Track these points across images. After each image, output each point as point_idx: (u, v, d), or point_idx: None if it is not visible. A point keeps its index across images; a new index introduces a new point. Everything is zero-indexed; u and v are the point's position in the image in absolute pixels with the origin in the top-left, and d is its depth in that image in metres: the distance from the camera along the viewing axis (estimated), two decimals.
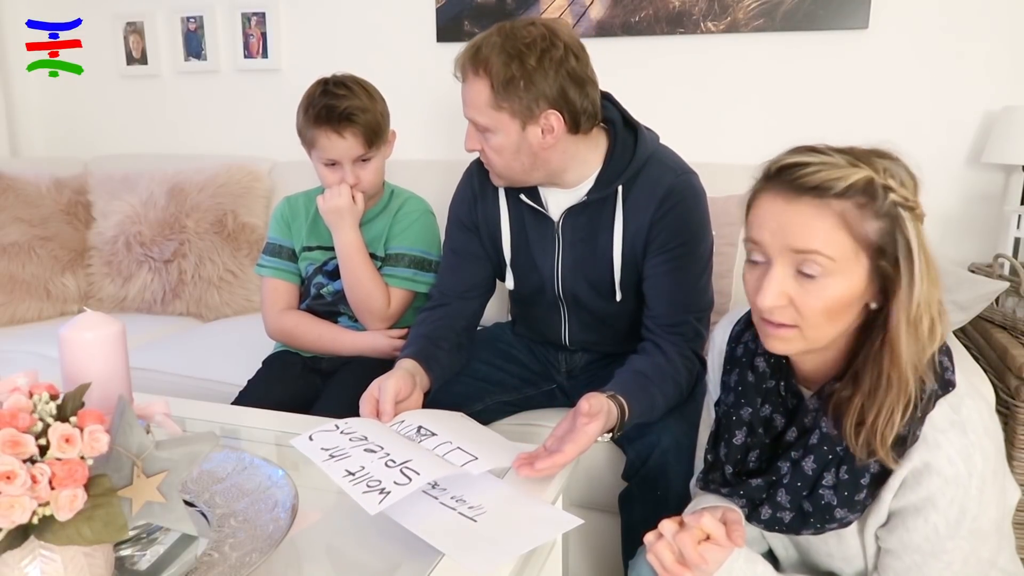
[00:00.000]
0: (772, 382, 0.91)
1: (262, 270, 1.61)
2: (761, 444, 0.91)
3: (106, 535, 0.69)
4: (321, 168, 1.50)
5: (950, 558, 0.80)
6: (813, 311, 0.78)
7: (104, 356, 0.93)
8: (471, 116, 1.23)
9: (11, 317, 2.12)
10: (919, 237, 0.76)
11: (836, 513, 0.83)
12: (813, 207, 0.77)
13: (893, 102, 1.86)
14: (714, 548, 0.81)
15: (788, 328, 0.81)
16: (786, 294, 0.79)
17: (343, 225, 1.49)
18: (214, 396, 1.62)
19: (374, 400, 1.13)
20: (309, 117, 1.44)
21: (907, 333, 0.77)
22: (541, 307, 1.41)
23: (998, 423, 0.83)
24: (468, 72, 1.20)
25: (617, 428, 1.10)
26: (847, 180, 0.76)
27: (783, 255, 0.79)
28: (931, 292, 0.77)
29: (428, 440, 1.04)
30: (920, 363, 0.78)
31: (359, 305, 1.52)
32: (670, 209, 1.25)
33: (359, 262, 1.50)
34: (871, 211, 0.76)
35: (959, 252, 1.85)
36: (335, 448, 0.98)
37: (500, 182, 1.30)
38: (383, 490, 0.86)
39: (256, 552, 0.80)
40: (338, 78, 1.47)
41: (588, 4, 2.01)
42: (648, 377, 1.18)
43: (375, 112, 1.46)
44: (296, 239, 1.60)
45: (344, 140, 1.43)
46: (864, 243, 0.77)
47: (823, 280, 0.77)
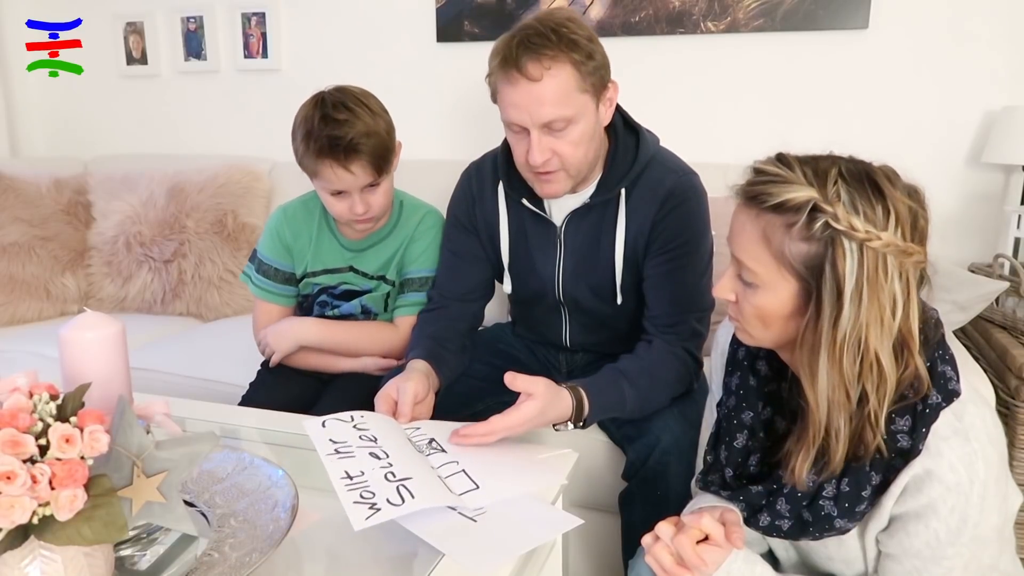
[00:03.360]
0: (774, 385, 0.91)
1: (251, 287, 1.52)
2: (762, 448, 0.91)
3: (106, 535, 0.69)
4: (327, 196, 1.38)
5: (951, 564, 0.79)
6: (747, 314, 0.83)
7: (104, 356, 0.93)
8: (550, 115, 1.13)
9: (11, 317, 2.12)
10: (866, 272, 0.73)
11: (835, 523, 0.82)
12: (748, 218, 0.79)
13: (893, 102, 1.86)
14: (713, 549, 0.81)
15: (734, 320, 0.86)
16: (734, 291, 0.84)
17: (301, 335, 1.45)
18: (214, 396, 1.62)
19: (392, 400, 1.13)
20: (310, 149, 1.31)
21: (828, 364, 0.75)
22: (541, 310, 1.41)
23: (1001, 429, 0.82)
24: (542, 65, 1.11)
25: (575, 418, 1.11)
26: (780, 197, 0.75)
27: (733, 257, 0.83)
28: (870, 332, 0.73)
29: (436, 456, 1.02)
30: (844, 403, 0.76)
31: (371, 352, 1.47)
32: (672, 209, 1.25)
33: (351, 338, 1.45)
34: (801, 233, 0.74)
35: (959, 252, 1.85)
36: (342, 443, 0.97)
37: (563, 187, 1.22)
38: (374, 505, 0.85)
39: (256, 552, 0.80)
40: (336, 97, 1.33)
41: (588, 4, 2.00)
42: (621, 372, 1.18)
43: (381, 134, 1.33)
44: (298, 263, 1.50)
45: (352, 174, 1.31)
46: (785, 263, 0.76)
47: (755, 289, 0.80)
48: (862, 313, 0.73)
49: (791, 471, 0.81)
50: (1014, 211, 1.73)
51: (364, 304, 1.51)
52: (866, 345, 0.74)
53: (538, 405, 1.05)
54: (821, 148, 0.82)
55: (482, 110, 2.07)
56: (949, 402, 0.78)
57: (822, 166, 0.76)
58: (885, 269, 0.73)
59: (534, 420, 1.05)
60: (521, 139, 1.19)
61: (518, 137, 1.19)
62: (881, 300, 0.74)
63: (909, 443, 0.78)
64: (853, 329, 0.74)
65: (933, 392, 0.78)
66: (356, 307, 1.51)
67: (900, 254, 0.74)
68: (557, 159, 1.18)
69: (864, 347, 0.74)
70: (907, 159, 0.78)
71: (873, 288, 0.73)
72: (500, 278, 1.41)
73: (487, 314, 1.47)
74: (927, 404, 0.78)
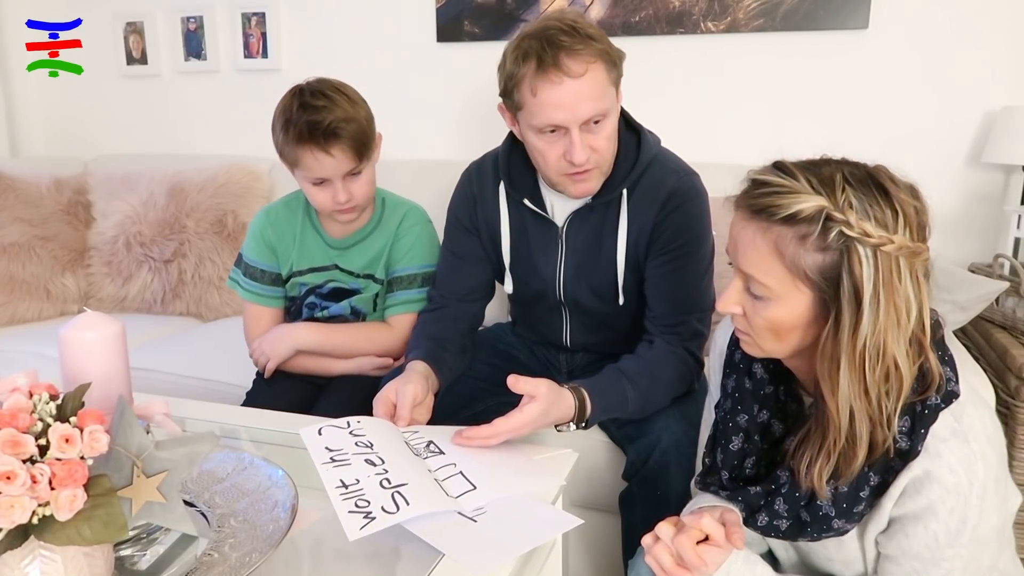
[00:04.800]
0: (771, 388, 0.91)
1: (239, 291, 1.51)
2: (758, 451, 0.91)
3: (106, 535, 0.69)
4: (308, 187, 1.38)
5: (950, 565, 0.79)
6: (758, 327, 0.81)
7: (104, 356, 0.93)
8: (592, 111, 1.13)
9: (11, 317, 2.12)
10: (881, 277, 0.72)
11: (834, 523, 0.82)
12: (757, 231, 0.77)
13: (893, 102, 1.86)
14: (713, 550, 0.81)
15: (745, 334, 0.84)
16: (740, 305, 0.82)
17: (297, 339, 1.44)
18: (214, 396, 1.62)
19: (390, 404, 1.13)
20: (290, 136, 1.32)
21: (848, 372, 0.75)
22: (542, 310, 1.41)
23: (1001, 430, 0.82)
24: (585, 60, 1.11)
25: (578, 419, 1.11)
26: (791, 208, 0.74)
27: (739, 271, 0.81)
28: (889, 336, 0.73)
29: (434, 459, 1.02)
30: (866, 408, 0.75)
31: (367, 353, 1.47)
32: (673, 210, 1.25)
33: (346, 340, 1.45)
34: (815, 243, 0.73)
35: (959, 252, 1.85)
36: (338, 451, 0.97)
37: (596, 184, 1.22)
38: (368, 514, 0.85)
39: (256, 552, 0.80)
40: (313, 86, 1.35)
41: (588, 4, 2.01)
42: (622, 372, 1.18)
43: (360, 121, 1.34)
44: (283, 263, 1.50)
45: (332, 158, 1.32)
46: (800, 274, 0.75)
47: (766, 302, 0.79)
48: (880, 318, 0.73)
49: (810, 480, 0.80)
50: (1014, 211, 1.73)
51: (354, 305, 1.51)
52: (885, 349, 0.74)
53: (541, 406, 1.04)
54: (821, 149, 0.81)
55: (482, 110, 2.07)
56: (948, 403, 0.78)
57: (825, 172, 0.75)
58: (899, 271, 0.73)
59: (537, 421, 1.05)
60: (555, 141, 1.17)
61: (551, 139, 1.17)
62: (897, 303, 0.73)
63: (908, 444, 0.78)
64: (873, 335, 0.73)
65: (932, 393, 0.78)
66: (346, 308, 1.50)
67: (911, 255, 0.74)
68: (595, 155, 1.18)
69: (883, 352, 0.74)
70: (907, 159, 0.78)
71: (889, 292, 0.73)
72: (501, 278, 1.41)
73: (487, 314, 1.46)
74: (926, 405, 0.77)
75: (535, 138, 1.19)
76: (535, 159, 1.23)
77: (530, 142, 1.21)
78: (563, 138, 1.16)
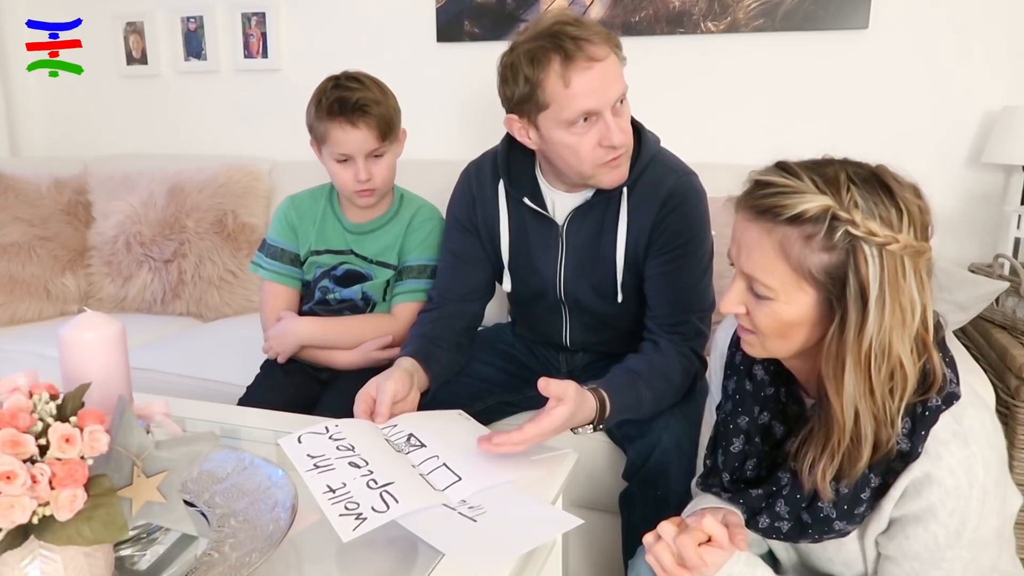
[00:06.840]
0: (771, 389, 0.91)
1: (261, 271, 1.58)
2: (759, 453, 0.91)
3: (106, 535, 0.69)
4: (333, 165, 1.47)
5: (950, 567, 0.79)
6: (763, 326, 0.80)
7: (104, 356, 0.93)
8: (620, 90, 1.17)
9: (11, 317, 2.12)
10: (887, 276, 0.72)
11: (834, 525, 0.82)
12: (762, 232, 0.77)
13: (893, 102, 1.86)
14: (715, 551, 0.80)
15: (749, 333, 0.83)
16: (744, 304, 0.82)
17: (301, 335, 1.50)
18: (214, 396, 1.62)
19: (371, 399, 1.13)
20: (322, 110, 1.43)
21: (854, 371, 0.75)
22: (541, 309, 1.41)
23: (1001, 432, 0.82)
24: (608, 45, 1.15)
25: (597, 421, 1.10)
26: (796, 208, 0.73)
27: (741, 271, 0.81)
28: (894, 336, 0.73)
29: (416, 452, 1.02)
30: (871, 408, 0.75)
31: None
32: (672, 210, 1.25)
33: (350, 331, 1.50)
34: (821, 242, 0.73)
35: (959, 252, 1.85)
36: (320, 457, 0.98)
37: (627, 169, 1.23)
38: (359, 515, 0.85)
39: (256, 552, 0.80)
40: (349, 73, 1.46)
41: (588, 4, 2.00)
42: (636, 373, 1.18)
43: (387, 106, 1.45)
44: (303, 243, 1.57)
45: (358, 131, 1.41)
46: (805, 274, 0.75)
47: (770, 302, 0.78)
48: (886, 318, 0.73)
49: (813, 481, 0.79)
50: (1014, 211, 1.73)
51: (365, 291, 1.55)
52: (890, 349, 0.74)
53: (570, 409, 1.02)
54: (821, 149, 0.81)
55: (482, 110, 2.07)
56: (948, 405, 0.78)
57: (829, 172, 0.75)
58: (904, 271, 0.73)
59: (565, 425, 1.03)
60: (587, 131, 1.16)
61: (582, 130, 1.16)
62: (902, 303, 0.73)
63: (908, 446, 0.78)
64: (878, 335, 0.73)
65: (934, 394, 0.78)
66: (357, 293, 1.55)
67: (915, 254, 0.74)
68: (626, 137, 1.20)
69: (888, 351, 0.74)
70: (907, 159, 0.78)
71: (894, 291, 0.73)
72: (500, 278, 1.41)
73: (487, 314, 1.46)
74: (927, 407, 0.77)
75: (565, 134, 1.17)
76: (564, 158, 1.20)
77: (559, 141, 1.18)
78: (595, 126, 1.16)
